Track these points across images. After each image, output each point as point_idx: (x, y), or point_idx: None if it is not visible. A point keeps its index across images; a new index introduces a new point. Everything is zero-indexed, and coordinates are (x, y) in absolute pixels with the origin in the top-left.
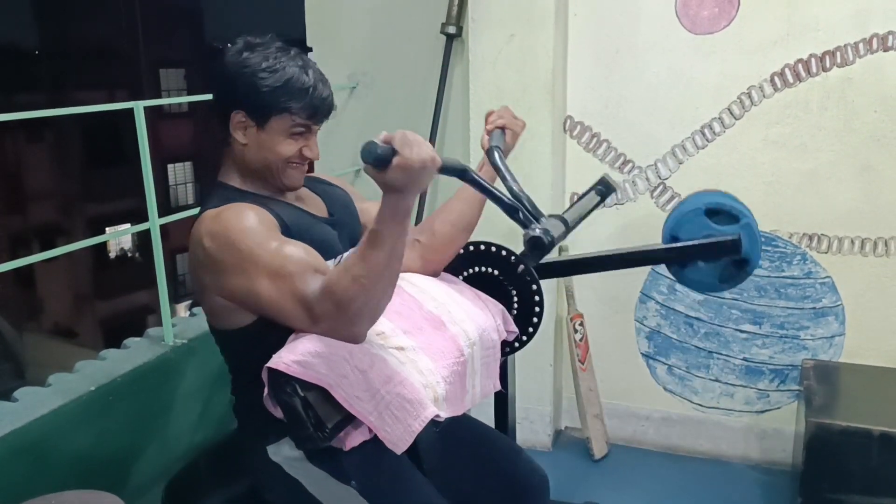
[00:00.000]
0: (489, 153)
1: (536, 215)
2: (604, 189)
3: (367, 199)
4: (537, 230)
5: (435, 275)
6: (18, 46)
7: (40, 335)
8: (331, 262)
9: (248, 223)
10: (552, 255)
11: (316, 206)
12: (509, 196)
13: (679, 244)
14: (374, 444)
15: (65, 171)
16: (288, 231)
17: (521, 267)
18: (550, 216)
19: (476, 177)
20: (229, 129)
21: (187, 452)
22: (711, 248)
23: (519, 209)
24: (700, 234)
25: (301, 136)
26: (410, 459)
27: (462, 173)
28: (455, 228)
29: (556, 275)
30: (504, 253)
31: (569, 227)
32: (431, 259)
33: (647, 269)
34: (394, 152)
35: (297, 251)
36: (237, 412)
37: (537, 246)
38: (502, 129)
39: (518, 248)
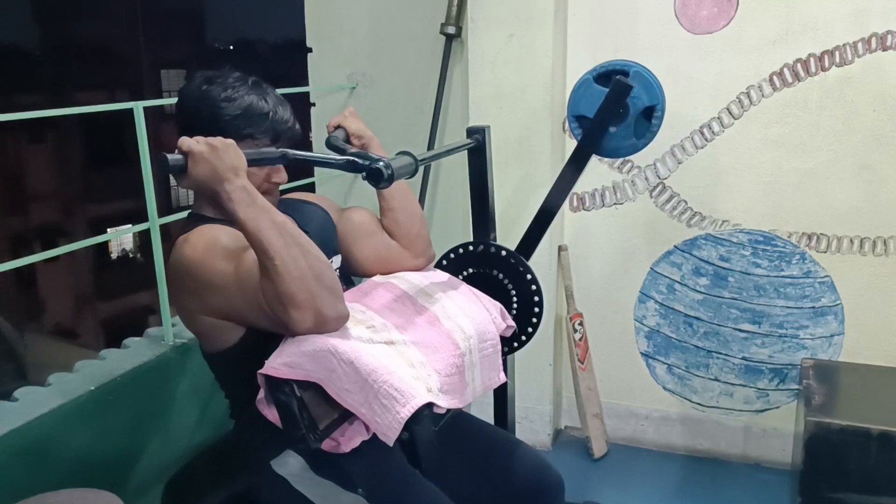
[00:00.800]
0: (326, 143)
1: (374, 158)
2: (479, 135)
3: (345, 209)
4: (379, 164)
5: (428, 259)
6: (20, 47)
7: (42, 336)
8: None
9: (215, 241)
10: (543, 243)
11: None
12: (341, 156)
13: (587, 127)
14: (377, 449)
15: (66, 171)
16: None
17: (497, 250)
18: (400, 153)
19: (296, 155)
20: None
21: (186, 452)
22: (610, 105)
23: (355, 161)
24: (599, 102)
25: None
26: (410, 459)
27: (282, 158)
28: (395, 212)
29: (535, 241)
30: (484, 248)
31: (416, 161)
32: (408, 246)
33: (647, 268)
34: (184, 156)
35: None
36: (238, 433)
37: (375, 176)
38: (339, 127)
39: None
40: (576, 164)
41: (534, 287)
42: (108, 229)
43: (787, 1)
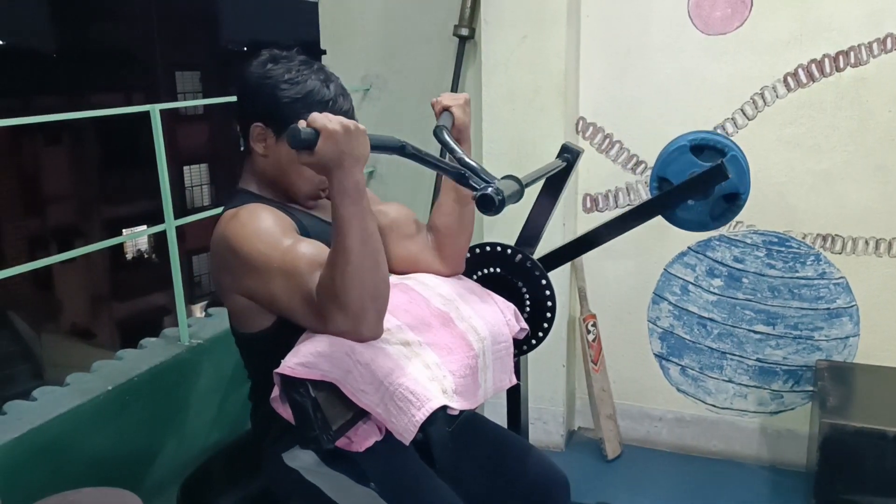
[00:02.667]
0: (436, 132)
1: (488, 179)
2: (569, 156)
3: (381, 201)
4: (489, 189)
5: (457, 272)
6: (36, 50)
7: (58, 336)
8: None
9: (264, 223)
10: (554, 243)
11: (328, 211)
12: (456, 164)
13: (667, 191)
14: (391, 446)
15: (82, 173)
16: (306, 234)
17: (519, 257)
18: (505, 177)
19: (415, 150)
20: (249, 140)
21: (202, 452)
22: (699, 182)
23: (467, 175)
24: (687, 172)
25: None
26: (423, 458)
27: (401, 149)
28: (451, 218)
29: (562, 261)
30: (509, 252)
31: (522, 186)
32: (446, 255)
33: (660, 269)
34: (316, 132)
35: (309, 249)
36: (254, 418)
37: (486, 204)
38: (447, 110)
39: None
40: (639, 216)
41: (546, 287)
42: (124, 230)
43: (801, 1)
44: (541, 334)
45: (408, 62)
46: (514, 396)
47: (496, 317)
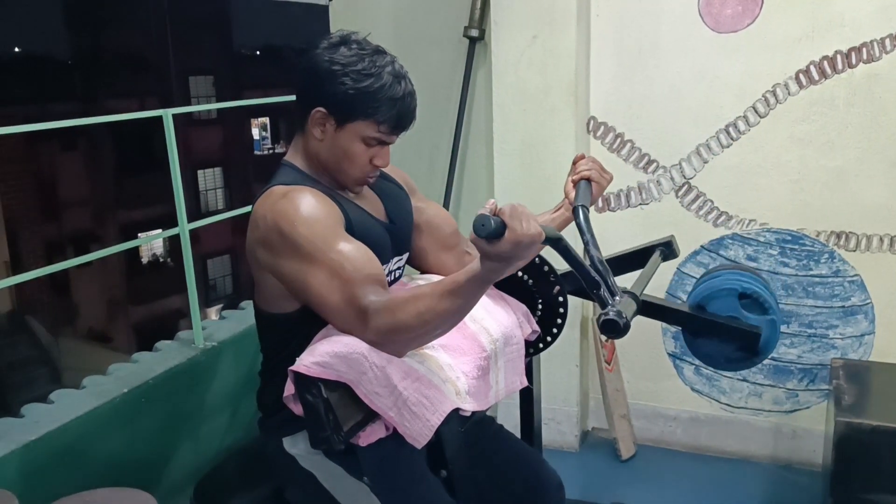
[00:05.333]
0: (575, 211)
1: (613, 291)
2: (667, 251)
3: (424, 197)
4: (611, 313)
5: None
6: (52, 57)
7: (75, 340)
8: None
9: (316, 212)
10: None
11: (374, 205)
12: (594, 270)
13: (700, 318)
14: (390, 442)
15: (98, 178)
16: (351, 229)
17: (557, 288)
18: (623, 291)
19: (568, 247)
20: (307, 121)
21: (217, 453)
22: (729, 332)
23: (600, 285)
24: (726, 312)
25: (375, 144)
26: (435, 457)
27: (556, 242)
28: None
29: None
30: (546, 268)
31: (640, 303)
32: None
33: (673, 268)
34: (504, 226)
35: (358, 253)
36: (260, 397)
37: (612, 329)
38: (588, 180)
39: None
40: (662, 313)
41: (560, 294)
42: (140, 234)
43: None
44: (549, 339)
45: (418, 64)
46: (528, 397)
47: (509, 318)
